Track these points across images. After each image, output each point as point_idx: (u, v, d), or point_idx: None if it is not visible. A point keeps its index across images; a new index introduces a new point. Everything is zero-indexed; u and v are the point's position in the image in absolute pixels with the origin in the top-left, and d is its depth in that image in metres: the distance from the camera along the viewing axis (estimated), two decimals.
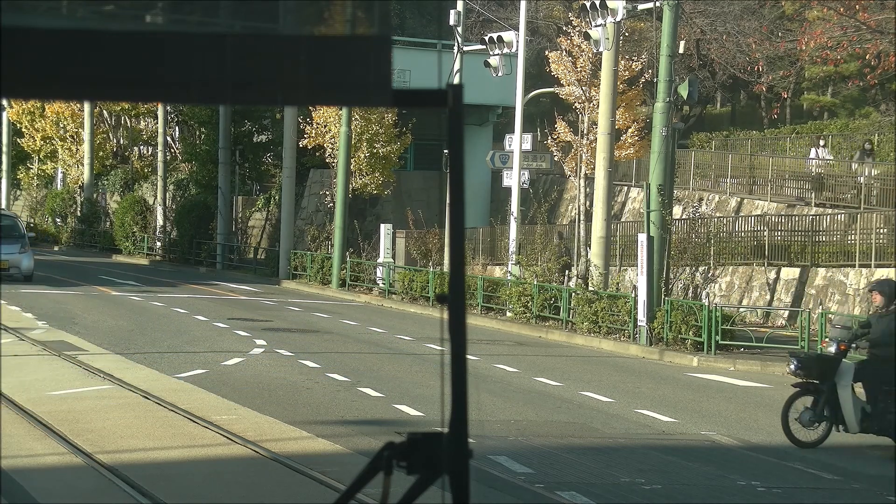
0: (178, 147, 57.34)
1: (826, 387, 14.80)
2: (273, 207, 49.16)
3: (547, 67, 37.42)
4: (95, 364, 19.25)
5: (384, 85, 2.44)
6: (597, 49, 29.92)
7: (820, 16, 46.76)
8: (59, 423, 13.95)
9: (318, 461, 12.44)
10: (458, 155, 2.63)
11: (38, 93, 2.42)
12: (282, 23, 2.47)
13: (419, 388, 18.09)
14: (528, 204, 36.22)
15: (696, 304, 25.47)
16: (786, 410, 14.88)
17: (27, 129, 60.20)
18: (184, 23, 2.44)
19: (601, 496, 11.69)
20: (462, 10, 35.95)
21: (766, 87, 53.16)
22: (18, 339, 22.07)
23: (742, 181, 39.22)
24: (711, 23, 51.03)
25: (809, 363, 15.13)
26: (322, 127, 42.57)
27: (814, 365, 15.06)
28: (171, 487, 11.27)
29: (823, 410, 14.82)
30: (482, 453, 12.79)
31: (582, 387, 19.40)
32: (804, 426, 14.82)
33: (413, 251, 40.14)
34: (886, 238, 29.98)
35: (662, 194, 25.81)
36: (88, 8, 2.42)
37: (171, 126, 57.08)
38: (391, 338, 25.65)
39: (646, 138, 34.38)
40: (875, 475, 13.57)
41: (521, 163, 34.32)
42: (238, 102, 2.41)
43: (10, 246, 35.07)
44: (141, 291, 34.18)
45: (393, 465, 2.66)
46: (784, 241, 33.11)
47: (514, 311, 30.48)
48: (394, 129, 43.01)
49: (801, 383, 15.11)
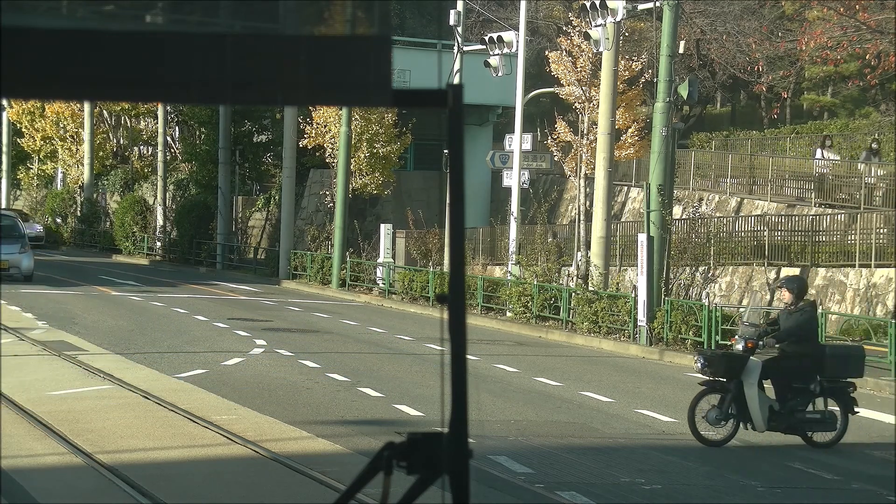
0: (178, 147, 57.34)
1: (733, 385, 14.62)
2: (273, 207, 49.16)
3: (547, 67, 37.42)
4: (95, 364, 19.25)
5: (384, 85, 2.44)
6: (597, 49, 29.92)
7: (820, 16, 46.76)
8: (59, 423, 13.95)
9: (318, 461, 12.44)
10: (458, 155, 2.63)
11: (38, 93, 2.42)
12: (282, 23, 2.47)
13: (419, 388, 18.09)
14: (528, 204, 36.21)
15: (696, 304, 25.47)
16: (692, 408, 14.70)
17: (27, 129, 60.20)
18: (184, 23, 2.44)
19: (601, 496, 11.69)
20: (462, 10, 35.95)
21: (766, 87, 53.16)
22: (18, 339, 22.07)
23: (742, 181, 39.22)
24: (711, 23, 51.02)
25: (716, 361, 14.86)
26: (322, 127, 42.57)
27: (721, 363, 14.81)
28: (171, 487, 11.27)
29: (730, 408, 14.62)
30: (482, 453, 12.79)
31: (582, 387, 19.40)
32: (711, 424, 14.61)
33: (413, 251, 40.14)
34: (886, 238, 29.97)
35: (662, 194, 25.80)
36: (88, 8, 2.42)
37: (171, 126, 57.09)
38: (391, 338, 25.65)
39: (646, 138, 34.38)
40: (875, 475, 13.56)
41: (521, 163, 34.32)
42: (238, 102, 2.41)
43: (10, 246, 35.07)
44: (141, 291, 34.18)
45: (393, 465, 2.66)
46: (784, 241, 33.10)
47: (514, 311, 30.48)
48: (394, 129, 43.01)
49: (707, 381, 14.89)
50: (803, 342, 14.90)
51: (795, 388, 14.77)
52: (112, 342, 22.53)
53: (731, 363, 14.79)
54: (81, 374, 18.44)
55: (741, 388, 14.59)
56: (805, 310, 15.09)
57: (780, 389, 14.85)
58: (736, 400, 14.60)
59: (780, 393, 14.84)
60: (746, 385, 14.59)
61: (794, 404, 14.72)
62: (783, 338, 14.95)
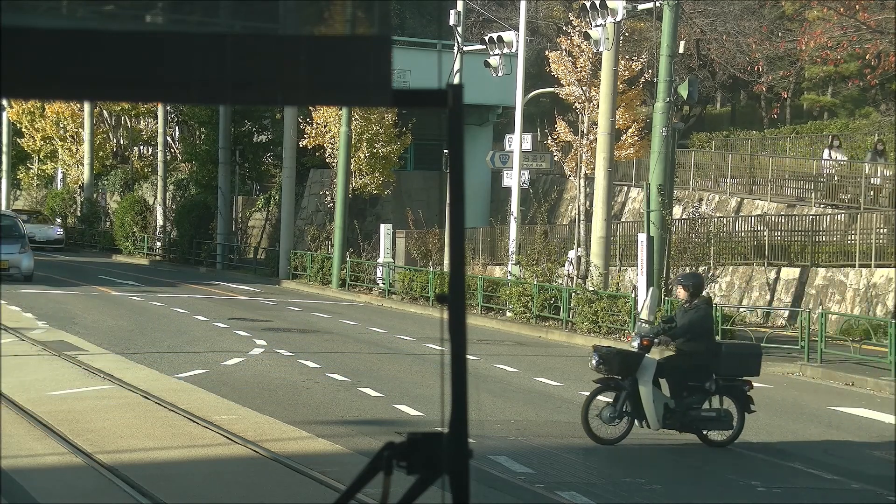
0: (178, 147, 57.34)
1: (628, 382, 14.43)
2: (273, 207, 49.16)
3: (547, 67, 37.42)
4: (95, 364, 19.25)
5: (384, 85, 2.44)
6: (597, 49, 29.92)
7: (820, 16, 46.77)
8: (59, 423, 13.95)
9: (318, 461, 12.44)
10: (458, 155, 2.63)
11: (38, 93, 2.42)
12: (282, 23, 2.47)
13: (419, 388, 18.09)
14: (528, 204, 36.22)
15: None
16: (586, 406, 14.42)
17: (27, 129, 60.21)
18: (184, 23, 2.44)
19: (601, 496, 11.69)
20: (462, 10, 35.95)
21: (766, 87, 53.17)
22: (18, 339, 22.06)
23: (742, 181, 39.23)
24: (711, 23, 51.03)
25: (611, 358, 14.59)
26: (322, 127, 42.58)
27: (615, 360, 14.58)
28: (171, 487, 11.27)
29: (624, 406, 14.43)
30: (482, 453, 12.80)
31: (582, 387, 19.37)
32: (605, 423, 14.42)
33: (413, 251, 40.15)
34: (886, 238, 29.97)
35: (662, 194, 25.81)
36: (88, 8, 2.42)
37: (171, 126, 57.08)
38: (391, 338, 25.65)
39: (646, 138, 34.38)
40: (875, 475, 13.56)
41: (521, 163, 34.32)
42: (238, 102, 2.41)
43: (10, 246, 35.07)
44: (141, 291, 34.18)
45: (393, 465, 2.66)
46: (784, 241, 33.11)
47: (514, 311, 30.48)
48: (394, 129, 43.01)
49: (602, 379, 14.69)
50: (699, 340, 14.70)
51: (691, 387, 14.60)
52: (112, 342, 22.53)
53: (625, 361, 14.60)
54: (81, 374, 18.44)
55: (636, 386, 14.41)
56: (700, 307, 14.90)
57: (675, 387, 14.63)
58: (630, 398, 14.42)
59: (676, 391, 14.62)
60: (641, 383, 14.40)
61: (690, 402, 14.55)
62: (678, 335, 14.76)
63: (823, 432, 16.13)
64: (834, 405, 18.83)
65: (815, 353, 22.96)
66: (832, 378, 21.79)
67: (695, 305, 14.90)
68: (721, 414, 14.60)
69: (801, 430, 16.04)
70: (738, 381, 14.74)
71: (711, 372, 14.63)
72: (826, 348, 23.23)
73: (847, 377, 21.60)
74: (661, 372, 14.60)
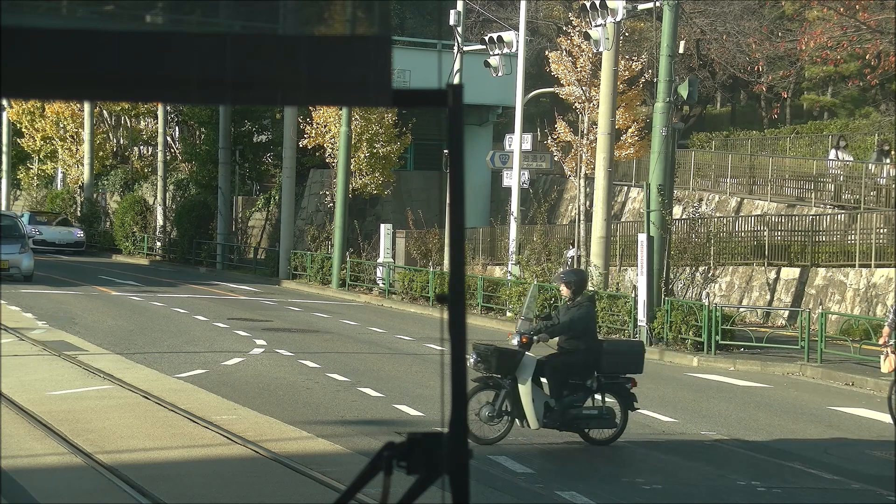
0: (178, 147, 57.33)
1: (507, 381, 14.09)
2: (273, 207, 49.17)
3: (547, 67, 37.44)
4: (95, 364, 19.25)
5: (384, 85, 2.44)
6: (597, 49, 29.92)
7: (820, 16, 46.76)
8: (59, 423, 13.95)
9: (318, 461, 12.44)
10: (458, 155, 2.63)
11: (38, 93, 2.42)
12: (282, 23, 2.47)
13: (419, 388, 18.09)
14: (528, 204, 36.22)
15: (696, 304, 25.47)
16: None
17: (27, 129, 60.20)
18: (184, 23, 2.44)
19: (601, 496, 11.69)
20: (462, 10, 35.95)
21: (766, 87, 53.17)
22: (18, 339, 22.06)
23: (742, 181, 39.23)
24: (711, 23, 51.03)
25: (489, 356, 14.19)
26: (322, 127, 42.59)
27: (493, 358, 14.16)
28: (171, 487, 11.27)
29: (503, 405, 14.08)
30: (482, 453, 12.81)
31: None
32: (484, 422, 14.03)
33: (413, 251, 40.15)
34: (886, 238, 29.97)
35: (662, 194, 25.80)
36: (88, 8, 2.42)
37: (171, 126, 57.08)
38: (391, 338, 25.64)
39: (646, 138, 34.39)
40: (875, 475, 13.56)
41: (521, 163, 34.31)
42: (238, 102, 2.41)
43: (10, 246, 35.07)
44: (141, 291, 34.18)
45: (393, 465, 2.66)
46: (784, 241, 33.10)
47: (514, 311, 30.47)
48: (394, 129, 43.02)
49: (481, 378, 14.33)
50: (580, 338, 14.38)
51: (572, 385, 14.30)
52: (112, 342, 22.53)
53: (503, 359, 14.20)
54: (81, 374, 18.44)
55: (516, 385, 14.10)
56: (582, 305, 14.55)
57: (556, 386, 14.28)
58: (510, 397, 14.10)
59: (556, 389, 14.27)
60: (520, 381, 14.09)
61: (571, 401, 14.24)
62: (559, 332, 14.49)
63: (823, 432, 16.13)
64: (834, 405, 18.83)
65: (815, 353, 22.96)
66: (832, 378, 21.79)
67: (577, 303, 14.56)
68: (603, 412, 14.37)
69: (801, 430, 16.04)
70: (620, 379, 14.50)
71: (593, 370, 14.37)
72: (826, 348, 23.24)
73: (847, 377, 21.60)
74: (542, 370, 14.27)
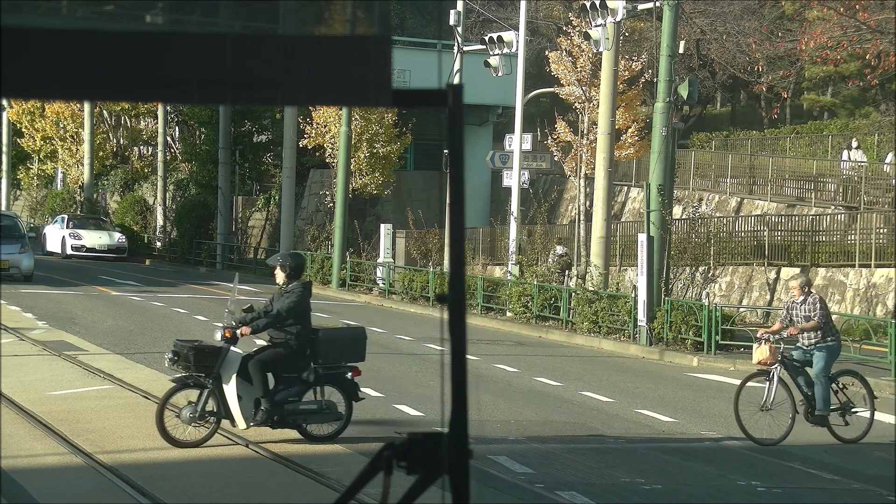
0: (178, 147, 57.35)
1: (211, 379, 12.96)
2: (273, 207, 49.17)
3: (547, 67, 37.44)
4: (95, 364, 19.24)
5: (384, 85, 2.44)
6: (597, 49, 29.93)
7: (820, 16, 46.77)
8: (59, 423, 13.95)
9: (318, 461, 12.44)
10: (458, 155, 2.63)
11: (38, 93, 2.42)
12: (282, 23, 2.47)
13: (419, 388, 18.09)
14: (528, 204, 36.22)
15: (696, 304, 25.47)
16: (161, 406, 12.99)
17: (27, 129, 60.23)
18: (184, 23, 2.44)
19: (601, 496, 11.69)
20: (462, 10, 35.96)
21: (766, 87, 53.18)
22: (18, 339, 22.06)
23: (742, 181, 39.25)
24: (711, 23, 51.04)
25: (186, 354, 13.00)
26: (322, 127, 42.60)
27: (192, 356, 12.96)
28: (171, 487, 11.27)
29: (206, 405, 13.01)
30: (482, 453, 12.80)
31: (582, 387, 19.40)
32: (186, 423, 12.97)
33: (413, 251, 40.16)
34: (886, 238, 29.98)
35: (662, 194, 25.81)
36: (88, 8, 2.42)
37: (171, 126, 57.10)
38: (391, 338, 25.64)
39: (646, 138, 34.40)
40: (875, 475, 13.56)
41: (521, 163, 34.31)
42: (238, 102, 2.41)
43: (10, 246, 35.07)
44: (141, 291, 34.17)
45: (393, 465, 2.66)
46: (784, 241, 33.12)
47: (514, 311, 30.48)
48: (394, 129, 43.03)
49: (180, 377, 13.18)
50: (293, 327, 13.30)
51: (286, 378, 13.27)
52: (112, 342, 22.53)
53: (203, 356, 13.02)
54: (81, 374, 18.44)
55: (220, 383, 13.01)
56: (295, 291, 13.39)
57: (265, 381, 13.22)
58: (214, 395, 13.00)
59: (266, 385, 13.22)
60: (224, 379, 13.01)
61: (285, 395, 13.19)
62: (270, 323, 13.30)
63: (823, 432, 16.12)
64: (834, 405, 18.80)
65: None
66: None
67: (290, 289, 13.43)
68: (323, 406, 13.36)
69: (800, 430, 16.03)
70: (341, 369, 13.49)
71: (310, 361, 13.33)
72: None
73: (847, 377, 21.55)
74: (253, 365, 13.18)
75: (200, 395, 13.05)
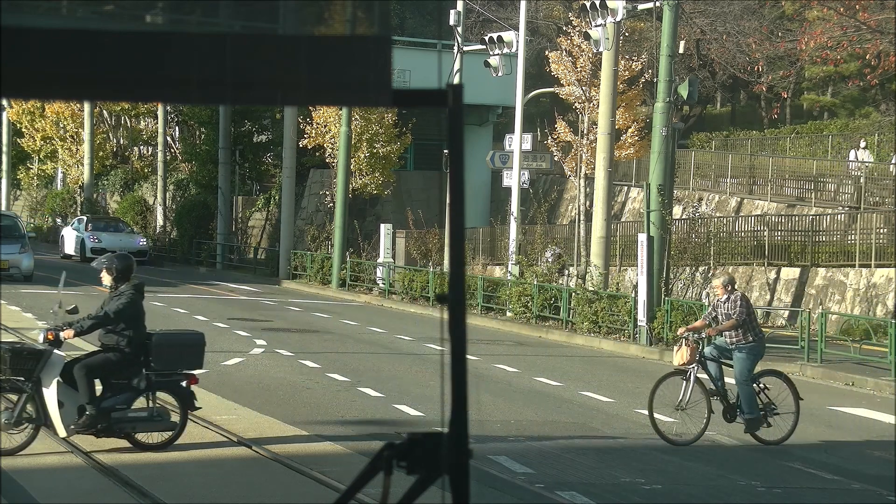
0: (178, 147, 57.35)
1: (30, 384, 12.31)
2: (273, 207, 49.16)
3: (547, 67, 37.44)
4: None
5: (384, 85, 2.44)
6: (597, 49, 29.92)
7: (820, 16, 46.77)
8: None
9: (318, 461, 12.44)
10: (458, 155, 2.63)
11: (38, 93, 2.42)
12: (282, 23, 2.47)
13: (419, 388, 18.09)
14: (528, 204, 36.22)
15: (697, 304, 25.47)
16: None
17: (27, 129, 60.22)
18: (184, 23, 2.44)
19: (601, 496, 11.69)
20: (462, 10, 35.95)
21: (766, 87, 53.18)
22: (18, 339, 22.04)
23: (742, 181, 39.25)
24: (711, 23, 51.04)
25: (4, 357, 12.36)
26: (322, 127, 42.59)
27: (9, 358, 12.32)
28: (171, 487, 11.27)
29: (24, 410, 12.35)
30: (482, 453, 12.80)
31: (582, 387, 19.40)
32: (1, 430, 12.31)
33: (413, 251, 40.16)
34: (886, 238, 29.98)
35: (662, 194, 25.81)
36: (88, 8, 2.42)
37: (171, 126, 57.09)
38: (391, 338, 25.64)
39: (646, 138, 34.40)
40: (875, 475, 13.56)
41: (521, 163, 34.31)
42: (238, 102, 2.41)
43: (10, 246, 35.07)
44: None
45: (393, 465, 2.66)
46: (784, 241, 33.11)
47: (514, 311, 30.48)
48: (394, 129, 43.03)
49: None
50: (124, 331, 12.85)
51: (115, 385, 12.65)
52: None
53: (20, 359, 12.39)
54: None
55: (40, 387, 12.35)
56: (126, 293, 13.01)
57: (91, 387, 12.59)
58: (34, 401, 12.36)
59: (92, 391, 12.60)
60: (44, 384, 12.34)
61: (113, 403, 12.54)
62: (101, 325, 12.81)
63: (823, 432, 16.13)
64: (834, 405, 18.82)
65: (815, 353, 22.96)
66: (832, 378, 21.79)
67: (121, 292, 13.01)
68: (154, 413, 12.73)
69: (801, 430, 16.02)
70: (176, 376, 12.90)
71: (141, 367, 12.77)
72: (826, 348, 23.23)
73: (847, 377, 21.59)
74: (79, 370, 12.55)
75: (18, 399, 12.38)
